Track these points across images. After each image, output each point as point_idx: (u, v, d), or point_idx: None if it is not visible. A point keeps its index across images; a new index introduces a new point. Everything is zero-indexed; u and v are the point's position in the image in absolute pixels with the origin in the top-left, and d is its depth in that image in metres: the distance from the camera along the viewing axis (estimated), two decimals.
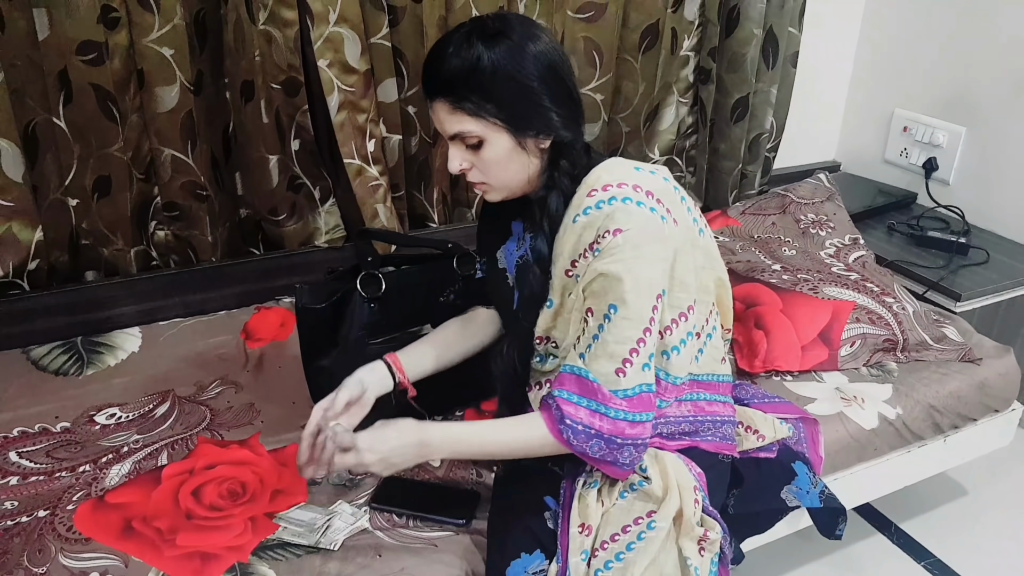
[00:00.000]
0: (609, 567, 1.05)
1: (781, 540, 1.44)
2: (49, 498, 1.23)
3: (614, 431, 1.04)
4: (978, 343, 1.73)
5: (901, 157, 2.39)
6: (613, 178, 1.06)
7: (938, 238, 2.10)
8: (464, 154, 1.08)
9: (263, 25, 1.61)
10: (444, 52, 1.03)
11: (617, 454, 1.06)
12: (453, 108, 1.04)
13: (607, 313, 1.03)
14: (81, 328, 1.67)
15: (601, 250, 1.03)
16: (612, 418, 1.04)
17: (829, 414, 1.51)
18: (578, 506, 1.12)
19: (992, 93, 2.13)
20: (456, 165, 1.09)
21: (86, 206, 1.65)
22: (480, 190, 1.14)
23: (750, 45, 2.10)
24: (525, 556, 1.09)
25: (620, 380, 1.04)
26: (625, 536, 1.08)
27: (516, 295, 1.19)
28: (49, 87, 1.52)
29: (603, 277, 1.03)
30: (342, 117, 1.72)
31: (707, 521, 1.11)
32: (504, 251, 1.24)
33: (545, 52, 1.04)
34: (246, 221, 1.86)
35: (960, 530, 1.87)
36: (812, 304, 1.71)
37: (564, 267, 1.09)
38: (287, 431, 1.40)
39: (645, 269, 1.04)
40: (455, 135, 1.06)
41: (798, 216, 2.10)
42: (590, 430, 1.05)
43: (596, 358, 1.04)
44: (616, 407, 1.04)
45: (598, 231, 1.04)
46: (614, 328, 1.03)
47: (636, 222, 1.03)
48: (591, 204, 1.05)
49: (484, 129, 1.04)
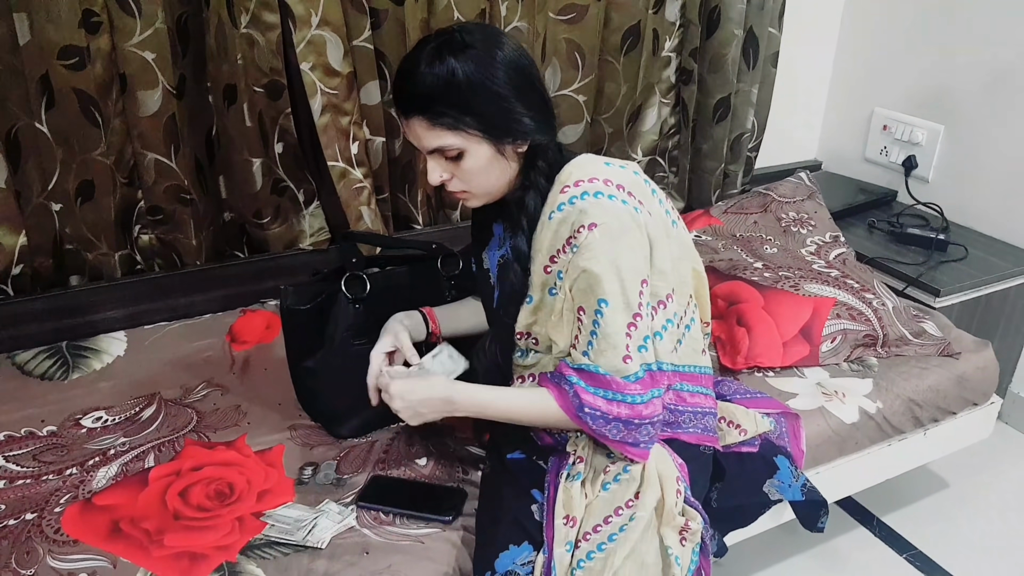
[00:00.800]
0: (592, 557, 1.07)
1: (764, 533, 1.46)
2: (36, 501, 1.23)
3: (632, 415, 1.08)
4: (957, 338, 1.76)
5: (881, 155, 2.42)
6: (584, 174, 1.08)
7: (917, 235, 2.13)
8: (444, 165, 1.10)
9: (245, 28, 1.62)
10: (416, 69, 1.04)
11: (636, 434, 1.10)
12: (431, 124, 1.05)
13: (598, 309, 1.06)
14: (66, 333, 1.66)
15: (579, 246, 1.06)
16: (630, 403, 1.08)
17: (810, 409, 1.53)
18: (562, 498, 1.13)
19: (969, 91, 2.16)
20: (436, 177, 1.11)
21: (70, 211, 1.64)
22: (461, 198, 1.16)
23: (731, 46, 2.12)
24: (513, 548, 1.10)
25: (628, 367, 1.08)
26: (607, 527, 1.09)
27: (496, 293, 1.21)
28: (31, 92, 1.52)
29: (586, 274, 1.06)
30: (325, 120, 1.72)
31: (688, 512, 1.13)
32: (487, 252, 1.27)
33: (514, 59, 1.06)
34: (230, 224, 1.87)
35: (941, 522, 1.89)
36: (793, 301, 1.73)
37: (543, 263, 1.11)
38: (273, 432, 1.41)
39: (625, 258, 1.06)
40: (435, 149, 1.08)
41: (780, 214, 2.12)
42: (608, 416, 1.09)
43: (601, 352, 1.07)
44: (632, 393, 1.08)
45: (573, 226, 1.06)
46: (608, 321, 1.06)
47: (609, 215, 1.06)
48: (564, 200, 1.07)
49: (464, 141, 1.06)
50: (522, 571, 1.09)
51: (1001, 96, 2.08)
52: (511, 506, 1.16)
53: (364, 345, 1.37)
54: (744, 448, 1.33)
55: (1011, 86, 2.06)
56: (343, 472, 1.31)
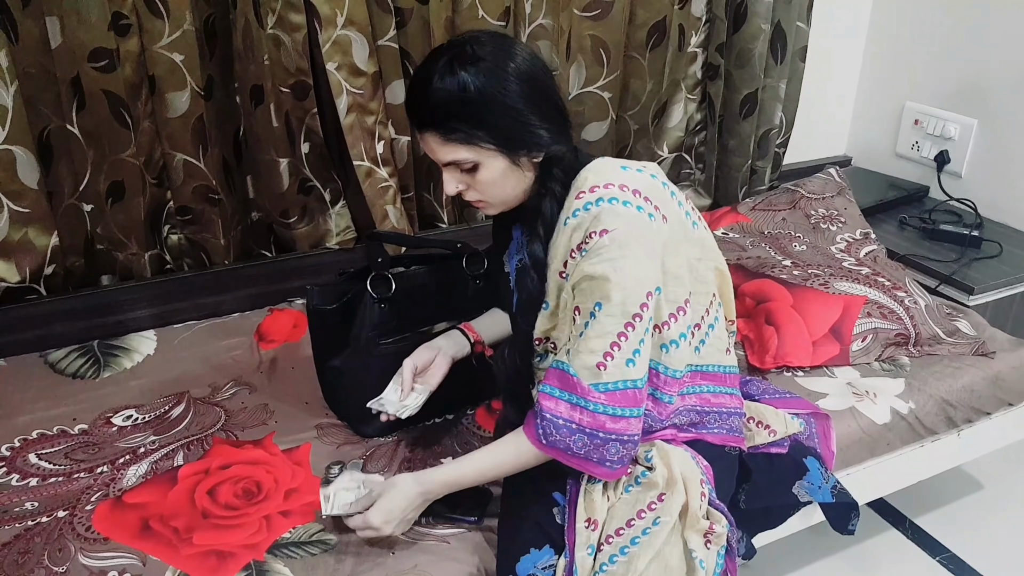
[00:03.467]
0: (614, 561, 1.06)
1: (794, 535, 1.44)
2: (68, 499, 1.25)
3: (595, 424, 1.04)
4: (991, 336, 1.72)
5: (912, 150, 2.38)
6: (600, 179, 1.07)
7: (950, 231, 2.09)
8: (460, 177, 1.10)
9: (271, 29, 1.63)
10: (427, 83, 1.04)
11: (603, 450, 1.06)
12: (444, 139, 1.05)
13: (592, 311, 1.04)
14: (97, 331, 1.69)
15: (588, 251, 1.04)
16: (591, 411, 1.04)
17: (841, 409, 1.50)
18: (584, 501, 1.12)
19: (1004, 84, 2.11)
20: (452, 188, 1.11)
21: (100, 211, 1.67)
22: (479, 207, 1.16)
23: (758, 40, 2.10)
24: (535, 551, 1.10)
25: (601, 374, 1.04)
26: (630, 530, 1.08)
27: (515, 298, 1.21)
28: (62, 94, 1.54)
29: (588, 278, 1.04)
30: (351, 119, 1.73)
31: (713, 514, 1.11)
32: (507, 256, 1.27)
33: (526, 70, 1.05)
34: (258, 224, 1.88)
35: (975, 525, 1.86)
36: (823, 299, 1.70)
37: (558, 269, 1.10)
38: (300, 431, 1.41)
39: (631, 266, 1.04)
40: (449, 163, 1.08)
41: (809, 211, 2.09)
42: (571, 423, 1.05)
43: (578, 354, 1.05)
44: (595, 400, 1.04)
45: (585, 232, 1.05)
46: (597, 324, 1.04)
47: (622, 221, 1.04)
48: (579, 206, 1.06)
49: (478, 155, 1.06)
50: (543, 575, 1.08)
51: None
52: (532, 509, 1.16)
53: (390, 344, 1.38)
54: (773, 449, 1.31)
55: None
56: (369, 471, 1.32)
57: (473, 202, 1.14)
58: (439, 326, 1.44)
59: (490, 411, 1.49)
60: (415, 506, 1.14)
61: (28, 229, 1.58)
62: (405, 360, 1.27)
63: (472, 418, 1.47)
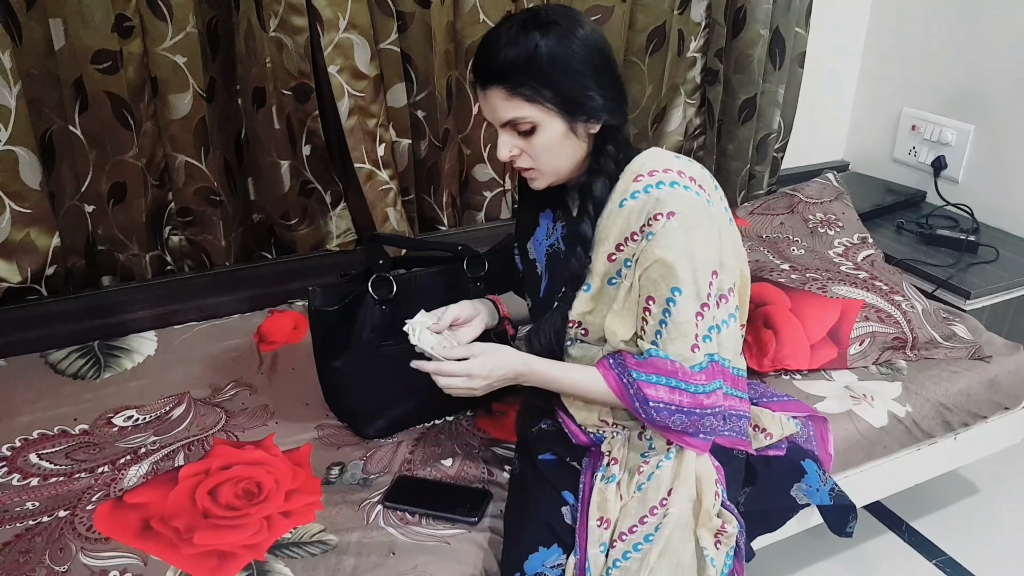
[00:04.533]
0: (628, 557, 1.07)
1: (792, 538, 1.45)
2: (69, 499, 1.26)
3: (694, 403, 1.11)
4: (988, 341, 1.73)
5: (910, 156, 2.40)
6: (658, 164, 1.10)
7: (947, 236, 2.10)
8: (515, 141, 1.10)
9: (274, 32, 1.64)
10: (499, 41, 1.05)
11: (699, 424, 1.12)
12: (510, 95, 1.06)
13: (670, 297, 1.08)
14: (98, 332, 1.69)
15: (655, 234, 1.06)
16: (692, 392, 1.10)
17: (838, 412, 1.51)
18: (597, 500, 1.14)
19: (1000, 90, 2.13)
20: (506, 152, 1.11)
21: (102, 212, 1.67)
22: (529, 176, 1.15)
23: (757, 46, 2.11)
24: (543, 550, 1.11)
25: (695, 355, 1.10)
26: (643, 527, 1.10)
27: (544, 283, 1.21)
28: (65, 96, 1.55)
29: (660, 263, 1.07)
30: (352, 122, 1.74)
31: (725, 515, 1.13)
32: (533, 241, 1.27)
33: (594, 39, 1.08)
34: (259, 226, 1.89)
35: (972, 528, 1.87)
36: (821, 303, 1.71)
37: (608, 251, 1.12)
38: (301, 432, 1.42)
39: (698, 249, 1.08)
40: (509, 122, 1.08)
41: (807, 215, 2.10)
42: (671, 406, 1.10)
43: (671, 340, 1.09)
44: (696, 382, 1.10)
45: (648, 214, 1.07)
46: (679, 310, 1.08)
47: (685, 205, 1.07)
48: (638, 188, 1.08)
49: (539, 114, 1.07)
50: (551, 573, 1.09)
51: None
52: (541, 508, 1.17)
53: (390, 346, 1.38)
54: (771, 452, 1.32)
55: None
56: (369, 472, 1.32)
57: (523, 170, 1.14)
58: None
59: (490, 413, 1.49)
60: (508, 377, 1.14)
61: (30, 230, 1.58)
62: (451, 305, 1.25)
63: (472, 420, 1.48)
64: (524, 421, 1.35)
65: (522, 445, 1.34)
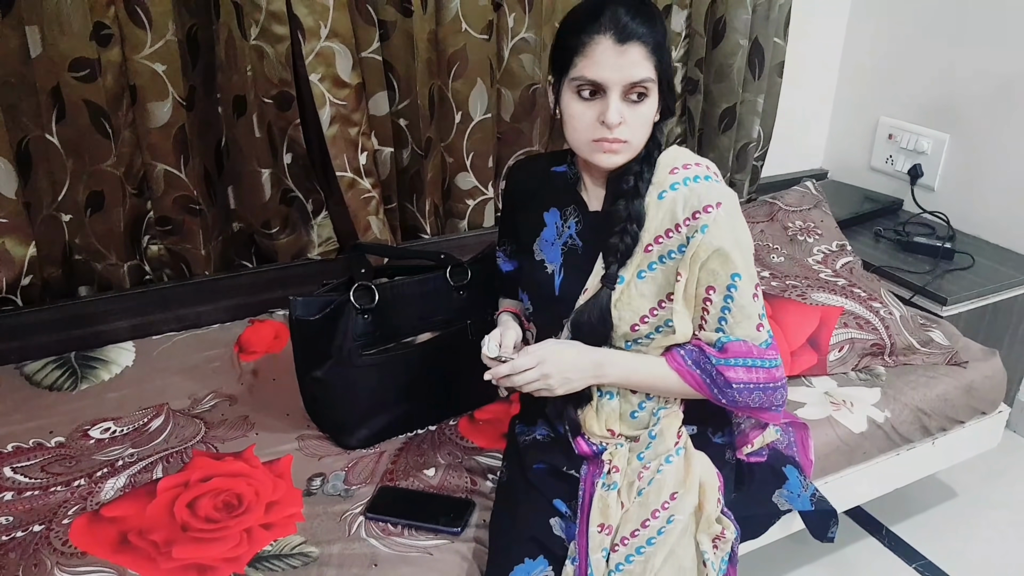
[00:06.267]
0: (631, 560, 1.08)
1: (774, 544, 1.45)
2: (44, 512, 1.23)
3: (768, 378, 1.15)
4: (964, 347, 1.76)
5: (887, 164, 2.43)
6: (690, 159, 1.15)
7: (924, 243, 2.13)
8: (623, 108, 1.09)
9: (255, 40, 1.63)
10: (633, 4, 1.06)
11: (773, 397, 1.16)
12: (650, 54, 1.07)
13: (730, 284, 1.11)
14: (75, 343, 1.67)
15: (708, 226, 1.09)
16: (767, 368, 1.14)
17: (819, 418, 1.52)
18: (599, 506, 1.14)
19: (975, 100, 2.16)
20: (617, 117, 1.08)
21: (79, 221, 1.65)
22: (615, 149, 1.11)
23: (736, 56, 2.13)
24: (529, 561, 1.10)
25: (762, 333, 1.15)
26: (645, 531, 1.11)
27: (559, 280, 1.21)
28: (42, 104, 1.53)
29: (718, 253, 1.10)
30: (334, 130, 1.73)
31: (723, 520, 1.15)
32: (540, 243, 1.25)
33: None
34: (239, 235, 1.87)
35: (951, 532, 1.89)
36: (801, 310, 1.73)
37: (646, 242, 1.13)
38: (282, 443, 1.41)
39: (743, 235, 1.14)
40: (636, 83, 1.07)
41: (786, 223, 2.12)
42: (750, 384, 1.14)
43: (738, 324, 1.13)
44: (768, 358, 1.15)
45: (694, 206, 1.10)
46: (741, 294, 1.12)
47: (725, 195, 1.12)
48: (677, 181, 1.12)
49: (655, 85, 1.09)
50: None
51: (1006, 104, 2.09)
52: (529, 519, 1.16)
53: (373, 355, 1.38)
54: (752, 458, 1.33)
55: (1016, 94, 2.06)
56: (351, 483, 1.32)
57: (617, 141, 1.10)
58: (421, 337, 1.45)
59: (473, 421, 1.49)
60: (587, 366, 1.15)
61: (5, 239, 1.56)
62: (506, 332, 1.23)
63: (455, 428, 1.47)
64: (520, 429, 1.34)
65: (511, 453, 1.33)
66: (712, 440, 1.27)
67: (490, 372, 1.17)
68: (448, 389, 1.47)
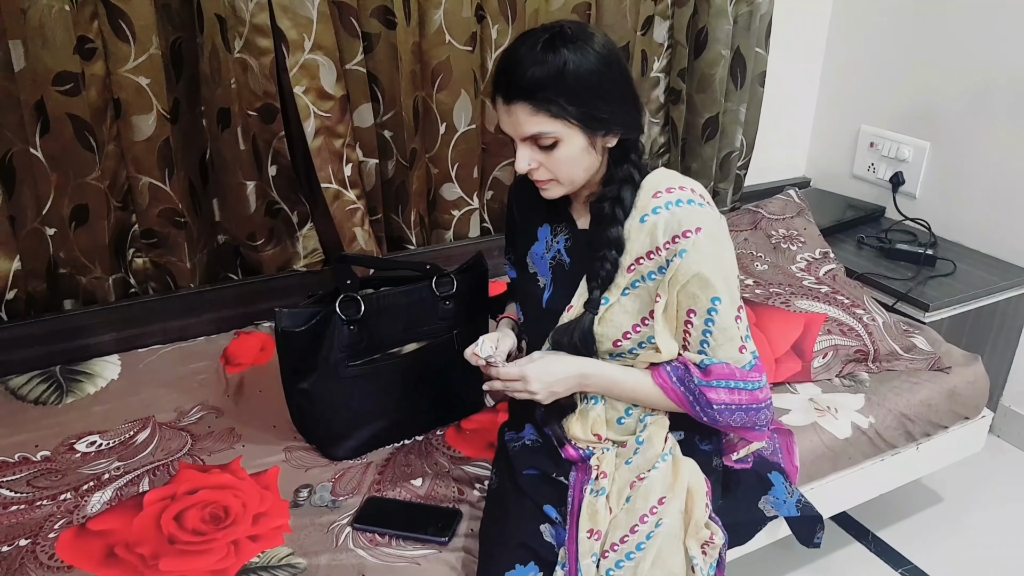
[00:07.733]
0: (621, 566, 1.09)
1: (761, 550, 1.46)
2: (30, 527, 1.23)
3: (751, 400, 1.15)
4: (947, 352, 1.77)
5: (869, 172, 2.45)
6: (674, 182, 1.15)
7: (906, 250, 2.15)
8: (534, 154, 1.12)
9: (239, 53, 1.63)
10: (528, 57, 1.06)
11: (755, 418, 1.17)
12: (535, 110, 1.08)
13: (711, 307, 1.12)
14: (60, 357, 1.66)
15: (687, 251, 1.10)
16: (749, 390, 1.15)
17: (803, 425, 1.54)
18: (588, 512, 1.15)
19: (954, 108, 2.19)
20: (525, 165, 1.12)
21: (64, 235, 1.65)
22: (544, 187, 1.17)
23: (718, 66, 2.15)
24: (519, 568, 1.11)
25: (744, 355, 1.15)
26: (634, 536, 1.11)
27: (547, 294, 1.24)
28: (26, 118, 1.53)
29: (697, 277, 1.11)
30: (319, 142, 1.74)
31: (711, 526, 1.16)
32: (531, 256, 1.28)
33: (616, 55, 1.11)
34: (224, 247, 1.87)
35: (936, 536, 1.90)
36: (785, 317, 1.74)
37: (627, 264, 1.15)
38: (268, 455, 1.41)
39: (726, 258, 1.15)
40: (531, 136, 1.09)
41: (769, 232, 2.14)
42: (732, 406, 1.15)
43: (720, 346, 1.14)
44: (752, 380, 1.15)
45: (674, 230, 1.11)
46: (722, 317, 1.12)
47: (708, 220, 1.13)
48: (659, 205, 1.13)
49: (563, 129, 1.09)
50: None
51: (986, 112, 2.11)
52: (519, 525, 1.17)
53: (359, 366, 1.38)
54: (738, 465, 1.34)
55: (994, 102, 2.09)
56: (338, 494, 1.31)
57: (540, 181, 1.16)
58: (408, 347, 1.45)
59: (459, 431, 1.49)
60: (571, 379, 1.18)
61: None
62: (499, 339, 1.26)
63: (442, 438, 1.47)
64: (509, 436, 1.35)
65: (501, 460, 1.33)
66: (699, 447, 1.28)
67: (486, 384, 1.21)
68: (435, 399, 1.47)
